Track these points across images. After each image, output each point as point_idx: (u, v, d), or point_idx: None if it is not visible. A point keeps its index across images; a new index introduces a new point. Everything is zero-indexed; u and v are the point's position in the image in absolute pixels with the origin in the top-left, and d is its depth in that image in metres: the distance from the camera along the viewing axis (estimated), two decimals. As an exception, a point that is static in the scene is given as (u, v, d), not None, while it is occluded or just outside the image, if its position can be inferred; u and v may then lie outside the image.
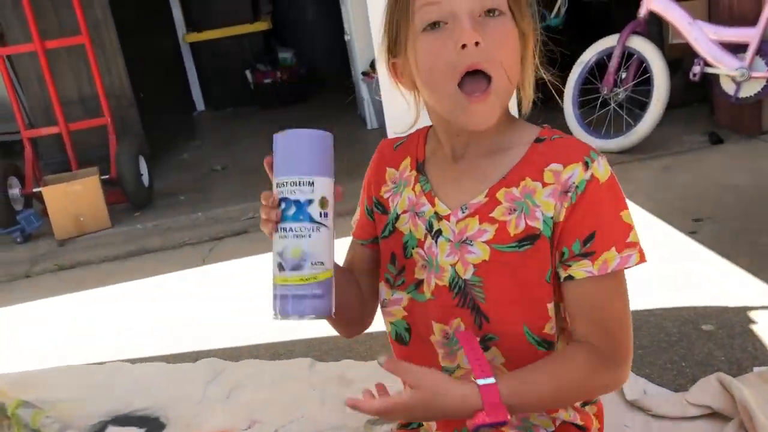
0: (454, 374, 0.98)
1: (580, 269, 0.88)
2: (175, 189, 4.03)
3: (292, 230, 0.84)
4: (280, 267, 0.84)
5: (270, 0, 6.79)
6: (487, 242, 0.91)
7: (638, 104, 3.33)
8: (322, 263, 0.84)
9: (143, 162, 3.79)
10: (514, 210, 0.90)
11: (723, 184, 2.80)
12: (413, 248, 0.97)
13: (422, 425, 1.09)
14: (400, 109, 1.03)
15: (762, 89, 3.10)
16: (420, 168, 1.00)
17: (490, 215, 0.91)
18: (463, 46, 0.83)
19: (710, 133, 3.35)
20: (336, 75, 6.07)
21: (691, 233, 2.37)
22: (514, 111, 1.01)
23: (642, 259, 0.88)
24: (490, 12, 0.85)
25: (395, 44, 0.92)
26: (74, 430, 1.76)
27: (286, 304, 0.84)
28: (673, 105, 3.33)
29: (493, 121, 0.88)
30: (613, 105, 3.38)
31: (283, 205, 0.84)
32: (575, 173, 0.87)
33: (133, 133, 4.10)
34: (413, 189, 0.99)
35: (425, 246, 0.96)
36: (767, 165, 2.93)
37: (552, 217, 0.88)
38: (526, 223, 0.89)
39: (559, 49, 0.99)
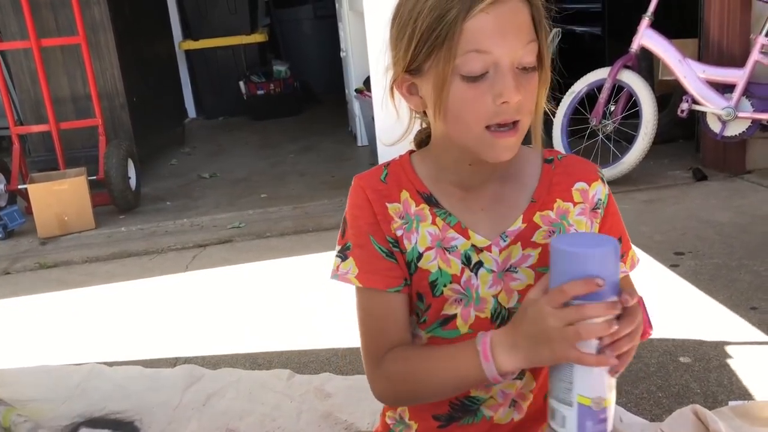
0: (486, 403, 0.98)
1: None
2: (162, 194, 4.02)
3: None
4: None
5: (268, 13, 6.83)
6: (531, 267, 0.93)
7: (626, 137, 3.38)
8: None
9: (132, 165, 3.78)
10: (553, 232, 0.94)
11: (705, 220, 2.84)
12: (445, 285, 0.94)
13: None
14: (392, 124, 1.03)
15: (747, 129, 3.16)
16: (431, 201, 0.96)
17: (532, 240, 0.94)
18: (504, 102, 0.84)
19: (695, 169, 3.40)
20: (330, 91, 6.11)
21: (673, 266, 2.40)
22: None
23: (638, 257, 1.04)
24: (526, 68, 0.86)
25: (416, 65, 0.88)
26: (46, 430, 1.74)
27: None
28: (660, 140, 3.39)
29: (515, 153, 0.90)
30: (601, 136, 3.43)
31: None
32: (599, 190, 0.97)
33: (123, 136, 4.09)
34: (434, 223, 0.95)
35: (462, 280, 0.94)
36: (749, 204, 2.98)
37: None
38: None
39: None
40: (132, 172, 3.78)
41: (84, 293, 2.75)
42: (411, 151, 1.01)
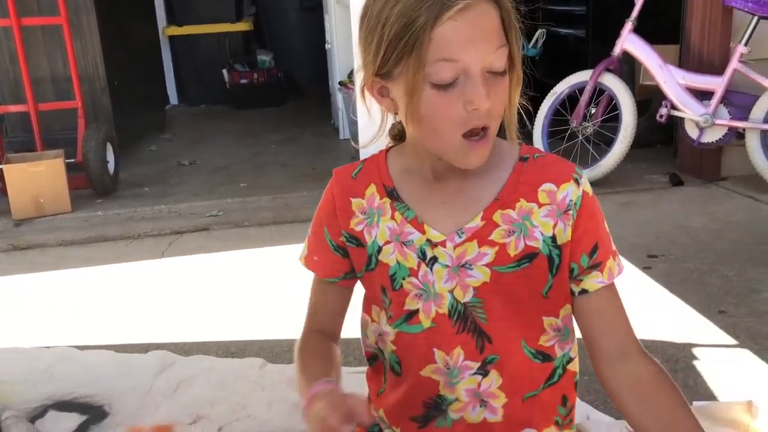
0: (452, 406, 0.98)
1: (593, 281, 0.93)
2: (141, 180, 3.99)
3: None
4: None
5: (253, 2, 6.80)
6: (487, 265, 0.92)
7: (605, 140, 3.41)
8: None
9: (111, 149, 3.75)
10: (513, 232, 0.91)
11: (679, 224, 2.88)
12: (403, 278, 0.95)
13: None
14: (374, 125, 1.02)
15: (723, 136, 3.21)
16: (393, 194, 0.96)
17: (489, 238, 0.91)
18: (475, 108, 0.83)
19: (671, 174, 3.45)
20: (314, 83, 6.10)
21: (645, 269, 2.44)
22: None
23: (621, 267, 0.96)
24: (496, 72, 0.84)
25: (386, 70, 0.86)
26: (13, 412, 1.72)
27: None
28: (638, 144, 3.43)
29: (486, 159, 0.89)
30: (580, 138, 3.46)
31: None
32: (570, 191, 0.92)
33: (103, 120, 4.05)
34: (393, 218, 0.95)
35: (419, 275, 0.94)
36: (722, 210, 3.03)
37: (552, 237, 0.91)
38: (525, 243, 0.92)
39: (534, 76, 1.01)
40: (110, 157, 3.75)
41: (57, 276, 2.72)
42: (390, 147, 1.01)
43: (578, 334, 0.98)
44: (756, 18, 3.05)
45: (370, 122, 1.00)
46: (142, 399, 1.78)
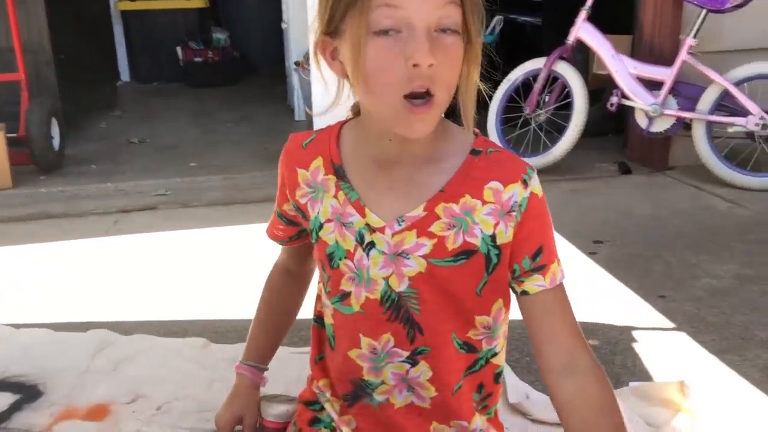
0: (378, 389, 0.98)
1: (533, 284, 0.92)
2: (88, 157, 3.89)
3: None
4: None
5: (210, -22, 6.66)
6: (423, 256, 0.90)
7: (557, 127, 3.44)
8: None
9: (56, 124, 3.63)
10: (453, 226, 0.90)
11: (626, 211, 2.93)
12: (340, 259, 0.94)
13: (324, 408, 1.08)
14: (329, 100, 0.99)
15: (671, 126, 3.27)
16: (339, 173, 0.94)
17: (429, 229, 0.90)
18: (416, 64, 0.80)
19: (620, 163, 3.51)
20: (271, 63, 6.02)
21: (591, 254, 2.48)
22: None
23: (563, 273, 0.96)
24: (445, 30, 0.81)
25: (334, 26, 0.84)
26: (-58, 392, 1.67)
27: None
28: (590, 133, 3.47)
29: (431, 130, 0.86)
30: (533, 125, 3.48)
31: None
32: (515, 192, 0.89)
33: (48, 94, 3.92)
34: (336, 197, 0.94)
35: (355, 258, 0.93)
36: (668, 198, 3.09)
37: (491, 236, 0.90)
38: (464, 239, 0.90)
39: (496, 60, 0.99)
40: (55, 132, 3.64)
41: (-5, 253, 2.64)
42: (346, 120, 0.99)
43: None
44: (705, 11, 3.11)
45: (323, 88, 0.97)
46: (78, 378, 1.73)
